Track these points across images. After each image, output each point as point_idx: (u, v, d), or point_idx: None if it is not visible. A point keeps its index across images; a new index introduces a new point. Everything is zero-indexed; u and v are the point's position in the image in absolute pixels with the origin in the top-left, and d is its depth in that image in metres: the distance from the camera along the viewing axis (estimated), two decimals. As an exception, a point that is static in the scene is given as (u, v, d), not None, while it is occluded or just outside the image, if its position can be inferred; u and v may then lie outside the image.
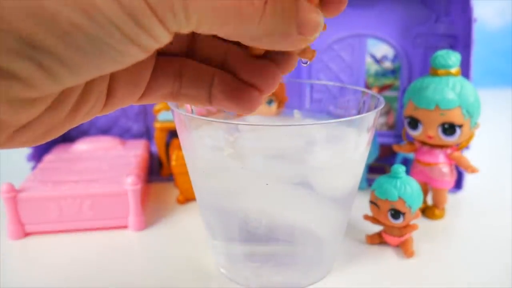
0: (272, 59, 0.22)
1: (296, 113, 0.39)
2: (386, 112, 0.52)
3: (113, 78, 0.20)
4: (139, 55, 0.17)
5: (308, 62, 0.22)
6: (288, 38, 0.18)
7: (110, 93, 0.20)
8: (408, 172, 0.43)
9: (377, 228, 0.39)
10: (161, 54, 0.22)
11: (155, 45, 0.17)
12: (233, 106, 0.22)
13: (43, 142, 0.19)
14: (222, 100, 0.22)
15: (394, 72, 0.51)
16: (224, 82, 0.22)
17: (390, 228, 0.37)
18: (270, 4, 0.17)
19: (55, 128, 0.18)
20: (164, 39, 0.16)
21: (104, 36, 0.15)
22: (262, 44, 0.18)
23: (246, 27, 0.17)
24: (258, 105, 0.22)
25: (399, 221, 0.36)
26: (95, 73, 0.17)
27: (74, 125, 0.20)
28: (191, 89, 0.22)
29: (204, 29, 0.17)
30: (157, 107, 0.51)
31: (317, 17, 0.18)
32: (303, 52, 0.21)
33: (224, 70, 0.22)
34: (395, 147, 0.46)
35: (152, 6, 0.15)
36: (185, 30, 0.17)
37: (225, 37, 0.18)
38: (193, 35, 0.22)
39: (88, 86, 0.19)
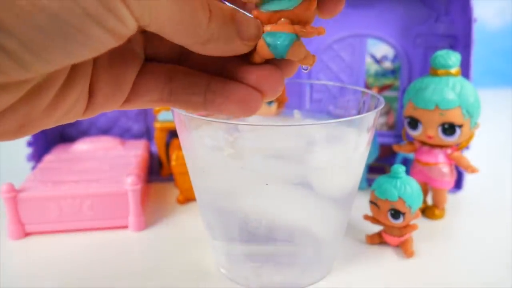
0: (274, 64, 0.22)
1: (296, 113, 0.39)
2: (386, 112, 0.52)
3: (94, 78, 0.20)
4: (109, 41, 0.16)
5: (309, 68, 0.22)
6: (232, 44, 0.19)
7: (91, 95, 0.20)
8: (408, 172, 0.43)
9: (377, 228, 0.39)
10: (151, 60, 0.22)
11: (123, 30, 0.16)
12: (235, 109, 0.22)
13: (15, 138, 0.18)
14: (222, 104, 0.22)
15: (394, 72, 0.51)
16: (223, 86, 0.22)
17: (390, 228, 0.37)
18: (214, 11, 0.18)
19: (30, 122, 0.18)
20: (130, 23, 0.16)
21: (67, 15, 0.15)
22: (208, 50, 0.19)
23: (196, 28, 0.18)
24: (260, 107, 0.22)
25: (399, 221, 0.36)
26: (64, 58, 0.16)
27: (51, 123, 0.19)
28: (182, 96, 0.22)
29: (158, 24, 0.17)
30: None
31: (254, 22, 0.20)
32: (304, 59, 0.21)
33: (223, 75, 0.22)
34: (395, 147, 0.46)
35: None
36: (147, 19, 0.16)
37: (174, 40, 0.18)
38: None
39: (69, 81, 0.19)
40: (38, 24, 0.15)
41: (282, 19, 0.20)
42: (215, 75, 0.22)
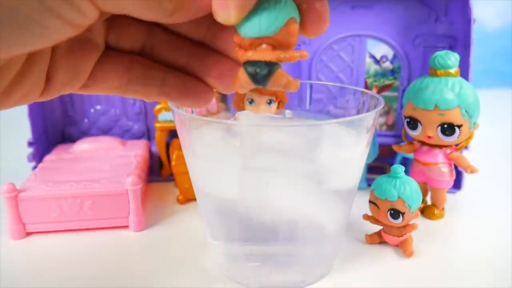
0: (235, 61, 0.22)
1: (288, 113, 0.39)
2: (386, 112, 0.52)
3: (52, 65, 0.20)
4: (67, 31, 0.17)
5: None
6: (197, 6, 0.18)
7: (48, 80, 0.20)
8: (407, 172, 0.43)
9: (377, 228, 0.39)
10: (111, 48, 0.22)
11: (82, 20, 0.17)
12: (189, 102, 0.23)
13: None
14: (176, 98, 0.23)
15: (393, 72, 0.51)
16: (178, 80, 0.23)
17: (389, 228, 0.38)
18: None
19: None
20: (90, 13, 0.16)
21: (25, 8, 0.15)
22: (177, 19, 0.18)
23: (160, 3, 0.17)
24: (212, 99, 0.24)
25: (399, 221, 0.36)
26: (19, 48, 0.17)
27: (9, 105, 0.20)
28: (139, 86, 0.23)
29: (121, 6, 0.17)
30: (157, 107, 0.51)
31: None
32: (286, 85, 0.20)
33: (184, 70, 0.23)
34: (395, 147, 0.46)
35: None
36: (110, 5, 0.16)
37: (141, 17, 0.18)
38: (149, 35, 0.22)
39: (26, 67, 0.19)
40: None
41: (263, 45, 0.19)
42: (175, 69, 0.23)
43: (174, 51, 0.23)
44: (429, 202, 0.46)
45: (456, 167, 0.45)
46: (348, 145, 0.31)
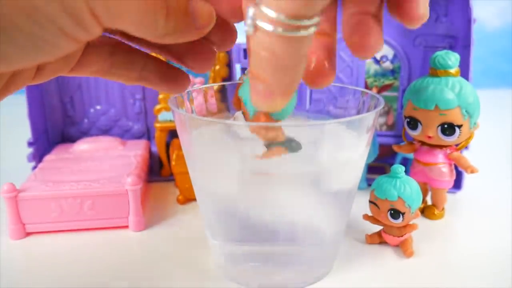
0: (210, 47, 0.25)
1: None
2: (386, 112, 0.52)
3: None
4: (73, 47, 0.18)
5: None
6: (188, 34, 0.21)
7: (40, 68, 0.22)
8: (407, 172, 0.43)
9: (377, 228, 0.39)
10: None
11: (88, 37, 0.18)
12: (166, 87, 0.26)
13: None
14: (155, 83, 0.25)
15: (393, 72, 0.51)
16: (158, 67, 0.25)
17: (389, 228, 0.38)
18: (171, 8, 0.19)
19: None
20: (94, 30, 0.18)
21: (42, 33, 0.17)
22: (166, 41, 0.20)
23: (155, 26, 0.19)
24: (188, 86, 0.26)
25: (399, 221, 0.36)
26: (29, 63, 0.18)
27: (5, 96, 0.21)
28: (121, 70, 0.24)
29: (121, 25, 0.18)
30: (157, 107, 0.51)
31: (208, 10, 0.21)
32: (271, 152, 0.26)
33: (165, 53, 0.25)
34: (395, 147, 0.46)
35: (91, 6, 0.17)
36: (112, 23, 0.18)
37: (134, 34, 0.19)
38: None
39: (17, 72, 0.21)
40: (15, 40, 0.16)
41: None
42: (155, 51, 0.25)
43: None
44: (429, 202, 0.46)
45: (456, 167, 0.45)
46: (348, 146, 0.31)
